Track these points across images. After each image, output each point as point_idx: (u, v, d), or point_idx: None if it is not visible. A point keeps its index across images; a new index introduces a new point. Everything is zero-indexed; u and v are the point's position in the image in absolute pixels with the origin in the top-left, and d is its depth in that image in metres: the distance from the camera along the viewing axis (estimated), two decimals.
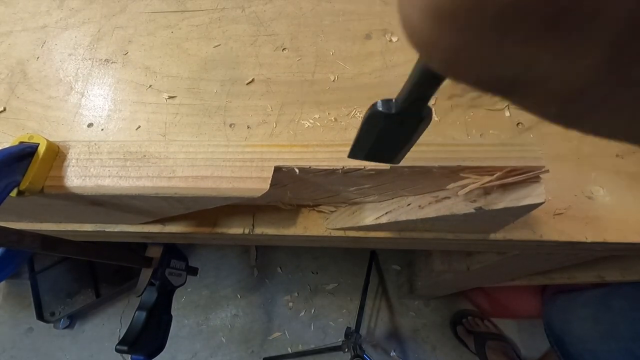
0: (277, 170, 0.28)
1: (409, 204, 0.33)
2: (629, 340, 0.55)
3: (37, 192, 0.28)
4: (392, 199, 0.34)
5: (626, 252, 0.36)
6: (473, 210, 0.28)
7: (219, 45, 0.46)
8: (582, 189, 0.35)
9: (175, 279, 0.56)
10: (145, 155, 0.29)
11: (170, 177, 0.28)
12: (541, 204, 0.27)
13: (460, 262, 0.73)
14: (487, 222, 0.33)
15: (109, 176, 0.29)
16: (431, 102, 0.40)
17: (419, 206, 0.32)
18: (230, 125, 0.40)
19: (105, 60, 0.45)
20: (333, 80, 0.42)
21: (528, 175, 0.27)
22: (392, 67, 0.43)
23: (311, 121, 0.40)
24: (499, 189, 0.28)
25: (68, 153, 0.29)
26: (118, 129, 0.41)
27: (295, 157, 0.28)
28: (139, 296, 0.53)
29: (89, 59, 0.46)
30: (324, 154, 0.28)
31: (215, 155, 0.29)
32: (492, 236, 0.34)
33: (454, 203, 0.30)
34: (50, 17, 0.49)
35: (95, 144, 0.30)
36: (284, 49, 0.45)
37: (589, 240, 0.33)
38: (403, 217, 0.32)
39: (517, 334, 1.12)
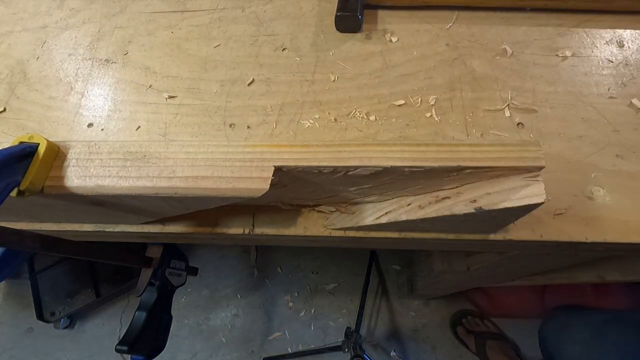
0: (277, 170, 0.28)
1: (409, 204, 0.33)
2: None
3: (37, 192, 0.28)
4: (393, 199, 0.34)
5: (626, 252, 0.36)
6: (473, 210, 0.28)
7: (219, 45, 0.46)
8: (582, 189, 0.35)
9: (176, 279, 0.56)
10: (145, 156, 0.29)
11: (170, 177, 0.28)
12: (541, 203, 0.27)
13: (460, 262, 0.73)
14: (487, 222, 0.32)
15: (109, 176, 0.29)
16: (430, 102, 0.40)
17: (419, 206, 0.32)
18: (231, 125, 0.40)
19: (105, 60, 0.45)
20: (333, 80, 0.42)
21: (529, 176, 0.27)
22: (392, 67, 0.43)
23: (311, 121, 0.40)
24: (499, 190, 0.28)
25: (68, 153, 0.29)
26: (118, 129, 0.41)
27: (296, 157, 0.28)
28: (139, 296, 0.53)
29: (89, 59, 0.46)
30: (324, 154, 0.28)
31: (215, 156, 0.29)
32: (492, 236, 0.34)
33: (454, 203, 0.30)
34: (51, 17, 0.49)
35: (95, 144, 0.30)
36: (284, 49, 0.45)
37: (589, 240, 0.33)
38: (403, 217, 0.32)
39: (517, 334, 1.12)
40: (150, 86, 0.44)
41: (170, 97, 0.43)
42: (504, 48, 0.43)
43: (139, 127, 0.41)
